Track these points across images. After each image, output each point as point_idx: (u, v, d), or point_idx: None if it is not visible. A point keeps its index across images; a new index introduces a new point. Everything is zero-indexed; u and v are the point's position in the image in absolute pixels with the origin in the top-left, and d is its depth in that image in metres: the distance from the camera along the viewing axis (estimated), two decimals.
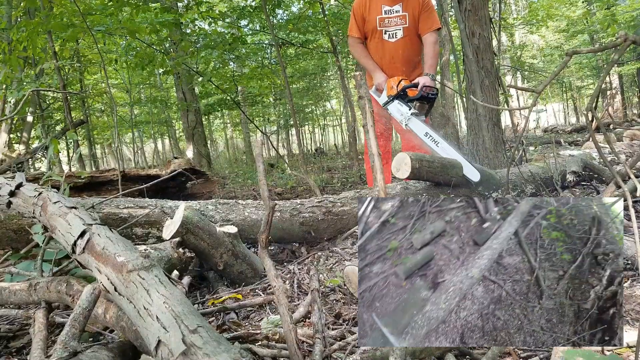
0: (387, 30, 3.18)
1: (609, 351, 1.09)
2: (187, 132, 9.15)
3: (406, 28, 3.16)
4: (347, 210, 2.32)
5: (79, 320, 1.04)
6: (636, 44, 1.32)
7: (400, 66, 3.22)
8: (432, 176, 2.48)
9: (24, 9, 5.67)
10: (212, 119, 17.66)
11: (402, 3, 3.13)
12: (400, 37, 3.18)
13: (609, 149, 3.16)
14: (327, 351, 1.17)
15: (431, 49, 3.15)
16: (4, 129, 7.15)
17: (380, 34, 3.20)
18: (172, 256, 1.72)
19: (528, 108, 1.82)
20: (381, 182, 1.33)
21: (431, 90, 2.95)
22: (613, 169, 1.43)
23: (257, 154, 1.47)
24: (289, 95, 6.18)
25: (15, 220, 1.91)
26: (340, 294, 1.62)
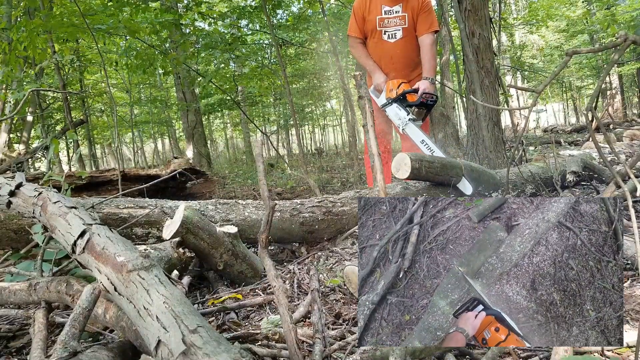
0: (386, 30, 3.17)
1: (609, 351, 1.09)
2: (187, 132, 9.15)
3: (406, 29, 3.16)
4: (347, 210, 2.32)
5: (79, 320, 1.04)
6: (636, 44, 1.32)
7: (400, 66, 3.21)
8: (432, 176, 2.48)
9: (24, 9, 5.68)
10: (212, 119, 17.67)
11: (402, 3, 3.13)
12: (400, 37, 3.17)
13: (609, 149, 3.16)
14: (327, 351, 1.17)
15: (429, 50, 3.13)
16: (4, 129, 7.15)
17: (379, 34, 3.19)
18: (172, 256, 1.72)
19: (528, 108, 1.82)
20: (381, 182, 1.33)
21: (431, 97, 2.95)
22: (613, 169, 1.43)
23: (257, 154, 1.47)
24: (288, 96, 6.18)
25: (15, 220, 1.91)
26: (340, 294, 1.62)
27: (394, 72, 3.19)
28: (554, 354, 0.98)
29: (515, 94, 12.48)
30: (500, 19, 7.31)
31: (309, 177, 4.77)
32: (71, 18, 4.54)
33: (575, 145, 6.83)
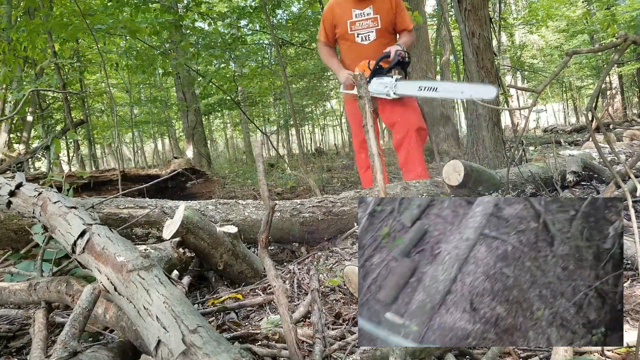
0: (359, 33, 3.19)
1: (609, 351, 1.09)
2: (187, 132, 9.15)
3: (379, 30, 3.17)
4: (347, 210, 2.32)
5: (79, 320, 1.04)
6: (636, 44, 1.32)
7: None
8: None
9: (24, 9, 5.68)
10: (212, 119, 17.67)
11: (373, 5, 3.14)
12: (374, 39, 3.18)
13: (609, 149, 3.16)
14: (327, 351, 1.17)
15: (405, 35, 3.20)
16: (4, 129, 7.15)
17: (352, 37, 3.21)
18: (172, 256, 1.72)
19: (528, 108, 1.82)
20: (381, 182, 1.33)
21: (404, 56, 2.96)
22: (613, 169, 1.43)
23: (257, 154, 1.47)
24: (288, 96, 6.18)
25: (15, 220, 1.91)
26: (340, 294, 1.62)
27: None
28: (554, 354, 0.98)
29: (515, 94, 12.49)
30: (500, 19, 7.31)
31: (309, 177, 4.77)
32: (71, 18, 4.54)
33: (575, 145, 6.83)
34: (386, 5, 3.15)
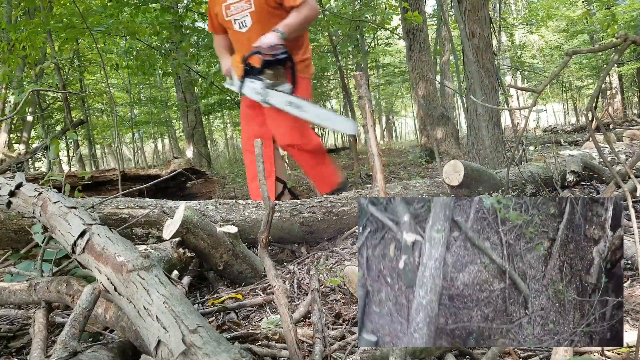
0: (235, 19, 2.71)
1: (609, 351, 1.09)
2: (187, 132, 9.15)
3: (254, 13, 2.64)
4: (347, 210, 2.32)
5: (79, 320, 1.04)
6: (636, 44, 1.32)
7: None
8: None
9: (24, 9, 5.68)
10: (212, 119, 17.67)
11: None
12: (250, 25, 2.67)
13: (609, 149, 3.16)
14: (327, 351, 1.17)
15: (293, 13, 2.57)
16: (4, 129, 7.16)
17: (231, 25, 2.74)
18: (172, 256, 1.72)
19: (528, 108, 1.82)
20: (381, 182, 1.33)
21: (273, 50, 2.43)
22: (613, 169, 1.43)
23: (257, 154, 1.47)
24: None
25: (15, 220, 1.91)
26: (340, 294, 1.62)
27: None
28: (554, 354, 0.98)
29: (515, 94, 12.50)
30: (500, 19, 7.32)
31: None
32: (71, 19, 4.55)
33: (575, 145, 6.83)
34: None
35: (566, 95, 19.28)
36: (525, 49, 16.50)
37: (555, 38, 16.26)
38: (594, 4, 11.77)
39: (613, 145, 2.81)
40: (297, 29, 2.57)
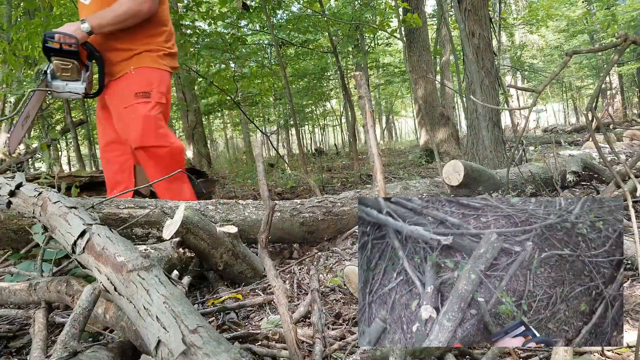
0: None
1: (609, 351, 1.09)
2: (187, 132, 9.15)
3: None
4: (347, 210, 2.32)
5: (79, 320, 1.04)
6: (636, 44, 1.33)
7: (100, 39, 2.33)
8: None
9: (24, 10, 5.68)
10: (212, 119, 17.67)
11: None
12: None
13: (609, 149, 3.16)
14: (327, 351, 1.17)
15: (115, 4, 2.26)
16: (4, 129, 7.15)
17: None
18: (172, 256, 1.72)
19: (528, 108, 1.82)
20: (381, 182, 1.33)
21: (63, 39, 2.16)
22: (613, 169, 1.43)
23: (257, 154, 1.47)
24: (288, 96, 6.19)
25: (15, 220, 1.91)
26: (340, 294, 1.62)
27: (98, 48, 2.31)
28: (554, 354, 0.98)
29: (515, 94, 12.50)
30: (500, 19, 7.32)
31: (309, 177, 4.77)
32: (71, 19, 4.55)
33: (575, 145, 6.83)
34: None
35: (566, 95, 19.29)
36: (525, 49, 16.51)
37: (555, 38, 16.28)
38: (594, 4, 11.78)
39: (613, 145, 2.81)
40: (112, 23, 2.25)
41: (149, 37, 2.41)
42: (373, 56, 13.85)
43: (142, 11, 2.28)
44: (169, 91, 2.50)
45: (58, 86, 2.23)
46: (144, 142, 2.33)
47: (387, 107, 23.07)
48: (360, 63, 12.21)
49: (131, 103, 2.32)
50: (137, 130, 2.32)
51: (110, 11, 2.25)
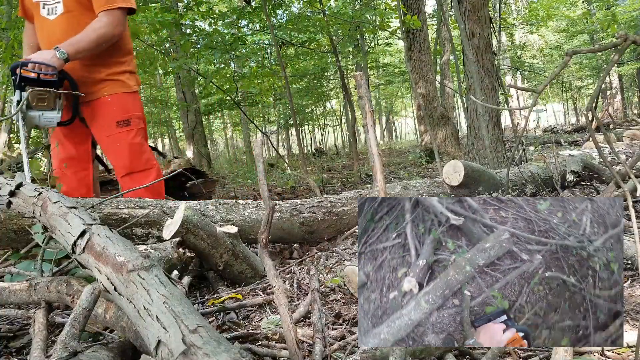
0: (45, 3, 2.30)
1: (609, 351, 1.09)
2: (187, 132, 9.16)
3: (67, 1, 2.29)
4: (347, 210, 2.32)
5: (79, 320, 1.04)
6: (636, 44, 1.33)
7: (74, 65, 2.27)
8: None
9: None
10: (212, 119, 17.68)
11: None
12: (61, 12, 2.28)
13: (609, 149, 3.16)
14: (327, 351, 1.17)
15: (88, 30, 2.20)
16: (4, 129, 7.16)
17: (38, 9, 2.32)
18: (172, 256, 1.72)
19: (528, 108, 1.82)
20: (381, 182, 1.33)
21: (40, 69, 2.08)
22: (613, 169, 1.44)
23: (257, 154, 1.47)
24: (289, 96, 6.19)
25: (15, 220, 1.91)
26: (340, 294, 1.62)
27: (71, 74, 2.28)
28: (554, 354, 0.98)
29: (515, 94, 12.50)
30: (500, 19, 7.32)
31: (309, 177, 4.77)
32: None
33: (575, 145, 6.84)
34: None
35: (566, 95, 19.29)
36: (525, 49, 16.52)
37: (555, 38, 16.28)
38: (594, 4, 11.78)
39: (613, 145, 2.81)
40: (88, 49, 2.21)
41: (117, 58, 2.42)
42: (373, 56, 13.86)
43: (115, 35, 2.29)
44: (142, 108, 2.55)
45: (34, 117, 2.18)
46: (133, 168, 2.42)
47: (387, 107, 23.08)
48: (360, 63, 12.22)
49: (114, 132, 2.37)
50: (124, 158, 2.40)
51: (85, 37, 2.19)
